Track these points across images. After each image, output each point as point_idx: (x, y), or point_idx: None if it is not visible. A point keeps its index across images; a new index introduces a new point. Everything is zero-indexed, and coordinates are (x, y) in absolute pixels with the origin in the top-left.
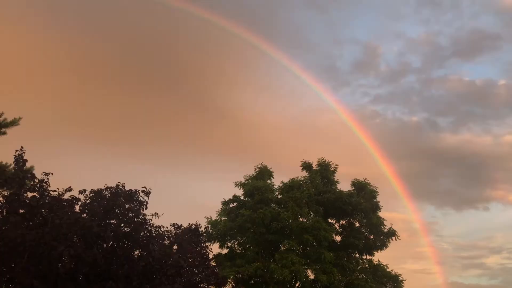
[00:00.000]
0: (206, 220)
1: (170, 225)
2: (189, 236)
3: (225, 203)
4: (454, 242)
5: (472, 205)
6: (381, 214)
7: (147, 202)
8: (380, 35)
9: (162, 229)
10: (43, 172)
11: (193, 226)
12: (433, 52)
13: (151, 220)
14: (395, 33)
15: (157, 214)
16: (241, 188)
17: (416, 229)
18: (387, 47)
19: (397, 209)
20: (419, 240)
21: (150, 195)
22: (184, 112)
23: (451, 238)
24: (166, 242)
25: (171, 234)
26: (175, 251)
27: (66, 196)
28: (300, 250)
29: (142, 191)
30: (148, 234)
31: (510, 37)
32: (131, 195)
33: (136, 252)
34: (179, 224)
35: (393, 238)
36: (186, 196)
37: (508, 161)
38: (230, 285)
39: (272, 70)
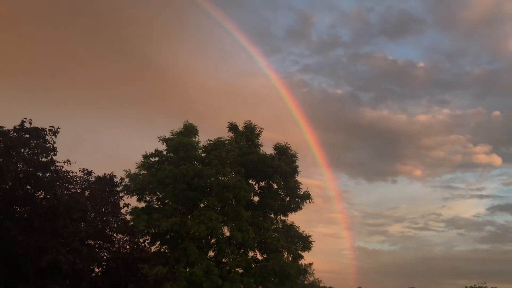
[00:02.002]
0: (125, 172)
1: (80, 170)
2: (102, 185)
3: (146, 157)
4: (363, 210)
5: (382, 177)
6: (299, 179)
7: (54, 142)
8: (315, 5)
9: (71, 174)
10: None
11: (108, 176)
12: (363, 28)
13: (63, 166)
14: (329, 4)
15: (69, 161)
16: (165, 144)
17: (330, 196)
18: (320, 17)
19: (314, 176)
20: (332, 206)
21: (66, 143)
22: (109, 58)
23: (361, 206)
24: (78, 189)
25: (81, 180)
26: (85, 197)
27: None
28: (219, 208)
29: (49, 130)
30: (54, 175)
31: (433, 23)
32: (37, 132)
33: (40, 195)
34: (90, 170)
35: (308, 201)
36: (106, 147)
37: (418, 139)
38: (145, 238)
39: (206, 29)
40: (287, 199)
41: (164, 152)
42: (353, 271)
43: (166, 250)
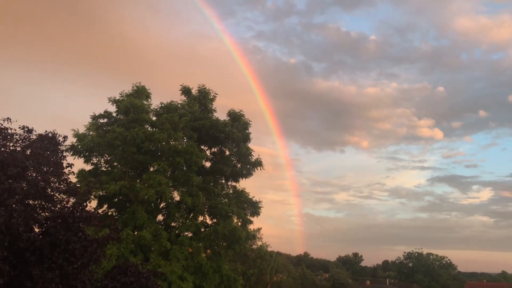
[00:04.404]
0: (72, 132)
1: (19, 127)
2: (44, 144)
3: (94, 118)
4: (311, 178)
5: (331, 147)
6: (251, 146)
7: None
8: None
9: (9, 131)
10: None
11: (50, 134)
12: None
13: (1, 124)
14: None
15: (10, 118)
16: (115, 105)
17: (281, 164)
18: None
19: (266, 144)
20: (282, 174)
21: (9, 101)
22: (54, 15)
23: (310, 174)
24: (18, 147)
25: (20, 137)
26: (25, 156)
27: None
28: (170, 172)
29: None
30: None
31: None
32: None
33: None
34: (30, 128)
35: (259, 168)
36: (52, 107)
37: (367, 110)
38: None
39: None
40: (239, 165)
41: (114, 114)
42: (300, 236)
43: (114, 214)
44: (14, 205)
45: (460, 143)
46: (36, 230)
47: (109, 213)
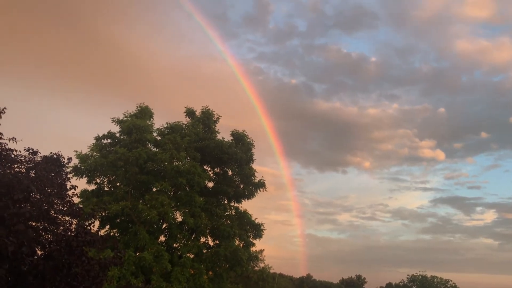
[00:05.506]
0: (75, 153)
1: (24, 149)
2: (49, 166)
3: (98, 139)
4: (314, 199)
5: (333, 167)
6: (253, 166)
7: None
8: None
9: (14, 153)
10: None
11: (55, 156)
12: (319, 19)
13: (7, 144)
14: None
15: (15, 138)
16: (119, 125)
17: (283, 184)
18: (277, 6)
19: (268, 164)
20: (284, 194)
21: (14, 124)
22: (61, 35)
23: (312, 194)
24: (22, 169)
25: (25, 159)
26: (30, 178)
27: None
28: (172, 192)
29: None
30: None
31: (386, 19)
32: None
33: None
34: (35, 150)
35: (262, 189)
36: (56, 127)
37: (368, 131)
38: (91, 221)
39: (164, 8)
40: (242, 186)
41: (117, 134)
42: (303, 258)
43: (116, 234)
44: (23, 230)
45: (462, 164)
46: (39, 252)
47: (111, 234)
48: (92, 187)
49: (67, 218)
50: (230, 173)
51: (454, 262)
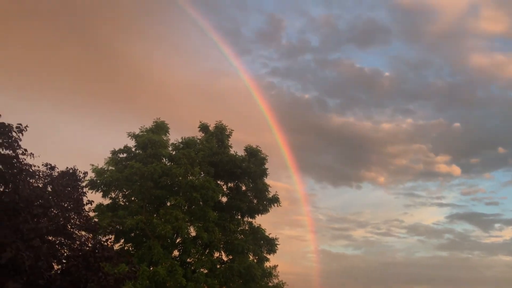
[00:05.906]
0: (91, 167)
1: (42, 164)
2: (65, 180)
3: (114, 153)
4: (328, 214)
5: (347, 183)
6: (267, 181)
7: (20, 139)
8: (285, 10)
9: (33, 168)
10: None
11: (71, 170)
12: (331, 34)
13: (25, 159)
14: (300, 9)
15: (33, 154)
16: (134, 140)
17: (296, 198)
18: (290, 22)
19: (281, 179)
20: (298, 209)
21: (31, 136)
22: (82, 55)
23: (326, 210)
24: (40, 184)
25: (43, 174)
26: (47, 193)
27: None
28: (186, 207)
29: (17, 128)
30: (16, 171)
31: (399, 33)
32: (3, 129)
33: (0, 189)
34: (52, 165)
35: (275, 204)
36: (73, 141)
37: (382, 146)
38: (108, 238)
39: (181, 25)
40: (255, 201)
41: (133, 149)
42: (317, 274)
43: (130, 248)
44: (40, 245)
45: (479, 180)
46: (56, 267)
47: (126, 248)
48: (107, 201)
49: (83, 233)
50: (243, 187)
51: (473, 280)
